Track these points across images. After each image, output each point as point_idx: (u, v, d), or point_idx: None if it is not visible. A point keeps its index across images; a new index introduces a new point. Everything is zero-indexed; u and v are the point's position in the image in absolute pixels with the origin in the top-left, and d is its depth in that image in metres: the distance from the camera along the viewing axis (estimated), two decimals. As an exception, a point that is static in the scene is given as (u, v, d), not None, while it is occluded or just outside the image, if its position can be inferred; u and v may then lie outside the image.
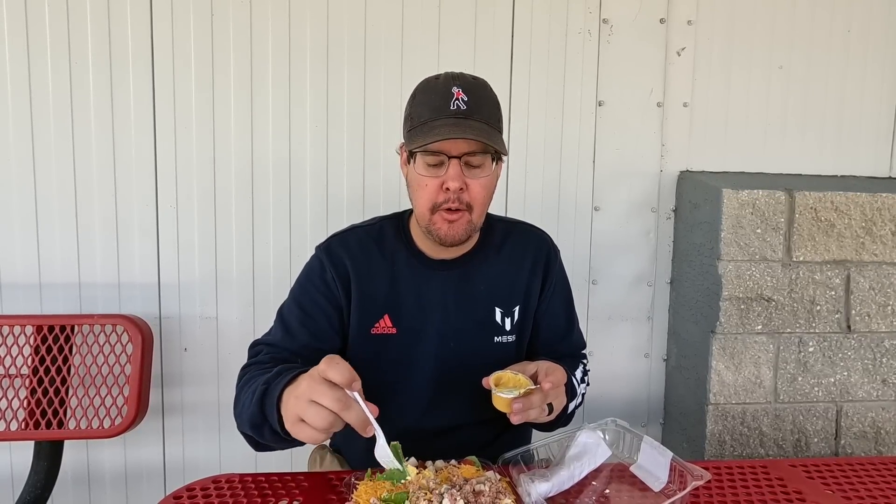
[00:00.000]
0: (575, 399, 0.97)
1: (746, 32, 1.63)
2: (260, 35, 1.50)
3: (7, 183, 1.47)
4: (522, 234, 1.04)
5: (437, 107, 0.87)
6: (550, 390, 0.82)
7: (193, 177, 1.52)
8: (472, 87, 0.88)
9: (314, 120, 1.54)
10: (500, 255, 1.01)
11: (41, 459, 1.40)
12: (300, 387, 0.71)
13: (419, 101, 0.90)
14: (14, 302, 1.49)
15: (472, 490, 0.73)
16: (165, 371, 1.56)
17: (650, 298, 1.69)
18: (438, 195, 0.88)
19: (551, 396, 0.84)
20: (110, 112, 1.48)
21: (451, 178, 0.86)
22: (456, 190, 0.87)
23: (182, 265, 1.53)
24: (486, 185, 0.90)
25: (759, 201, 1.42)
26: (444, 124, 0.85)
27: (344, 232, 1.01)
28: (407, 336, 0.96)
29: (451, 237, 0.90)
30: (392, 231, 1.00)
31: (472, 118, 0.86)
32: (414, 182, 0.91)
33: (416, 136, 0.87)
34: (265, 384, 0.78)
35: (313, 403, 0.68)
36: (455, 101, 0.86)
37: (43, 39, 1.44)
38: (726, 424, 1.47)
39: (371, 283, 0.95)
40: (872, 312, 1.47)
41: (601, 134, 1.62)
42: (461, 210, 0.88)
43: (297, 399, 0.70)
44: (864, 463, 0.96)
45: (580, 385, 1.00)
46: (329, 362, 0.70)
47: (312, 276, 0.97)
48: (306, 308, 0.95)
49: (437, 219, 0.90)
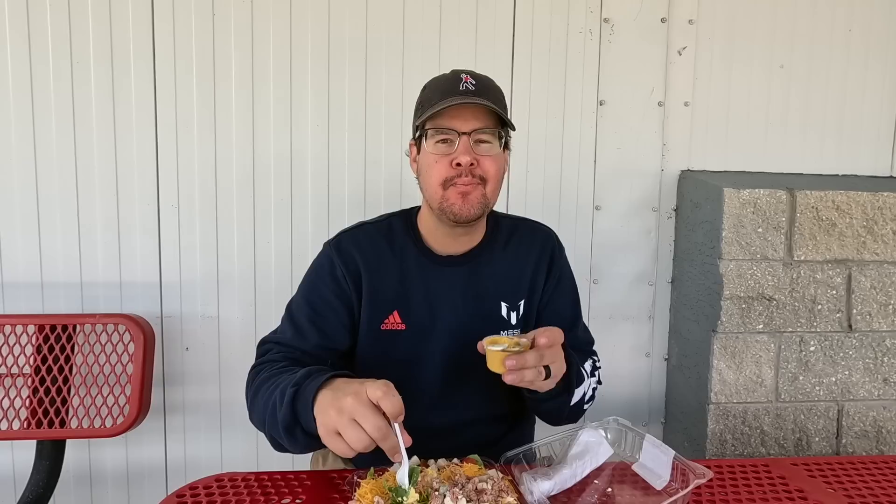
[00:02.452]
0: (582, 385, 0.93)
1: (747, 31, 1.63)
2: (261, 35, 1.50)
3: (9, 182, 1.47)
4: (528, 230, 1.05)
5: (447, 89, 0.90)
6: (546, 346, 0.78)
7: (195, 176, 1.52)
8: (479, 76, 0.93)
9: (315, 119, 1.54)
10: (506, 251, 1.01)
11: (43, 458, 1.40)
12: (345, 401, 0.68)
13: (428, 91, 0.94)
14: (16, 301, 1.49)
15: (475, 488, 0.73)
16: (167, 370, 1.56)
17: (651, 298, 1.69)
18: (449, 171, 0.89)
19: (548, 358, 0.79)
20: (112, 112, 1.48)
21: (461, 152, 0.88)
22: (467, 164, 0.88)
23: (183, 264, 1.53)
24: (497, 161, 0.91)
25: (761, 200, 1.42)
26: (454, 99, 0.88)
27: (353, 228, 1.01)
28: (416, 332, 0.96)
29: (465, 211, 0.90)
30: (401, 227, 1.00)
31: (482, 97, 0.89)
32: (424, 163, 0.92)
33: (425, 114, 0.89)
34: (295, 385, 0.76)
35: (354, 423, 0.67)
36: (464, 83, 0.89)
37: (45, 39, 1.44)
38: (727, 423, 1.47)
39: (381, 279, 0.95)
40: (874, 311, 1.47)
41: (602, 133, 1.62)
42: (474, 183, 0.89)
43: (338, 413, 0.68)
44: (866, 462, 0.96)
45: (590, 377, 0.97)
46: (385, 390, 0.68)
47: (322, 272, 0.97)
48: (317, 306, 0.95)
49: (450, 194, 0.89)
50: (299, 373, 0.79)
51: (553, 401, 0.90)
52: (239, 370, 1.54)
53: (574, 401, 0.92)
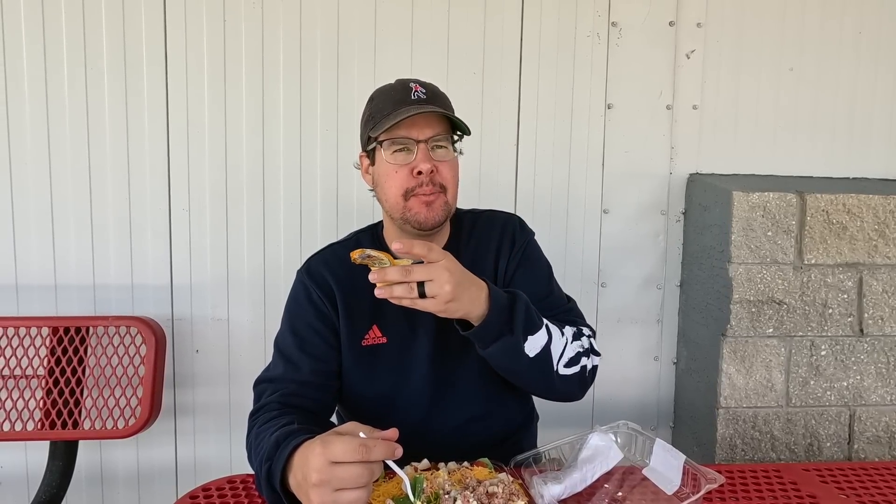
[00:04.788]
0: (539, 333, 0.85)
1: (756, 34, 1.63)
2: (271, 41, 1.51)
3: (24, 186, 1.49)
4: (488, 220, 1.04)
5: (399, 99, 0.90)
6: (400, 251, 0.74)
7: (205, 180, 1.53)
8: (426, 84, 0.94)
9: (325, 124, 1.55)
10: (469, 245, 1.01)
11: (56, 459, 1.42)
12: (312, 495, 0.65)
13: (378, 101, 0.93)
14: (30, 304, 1.51)
15: (486, 492, 0.73)
16: (177, 372, 1.57)
17: (660, 301, 1.68)
18: (409, 180, 0.89)
19: (419, 274, 0.74)
20: (125, 117, 1.50)
21: (421, 160, 0.88)
22: (427, 172, 0.88)
23: (194, 267, 1.55)
24: (453, 167, 0.93)
25: (770, 204, 1.41)
26: (409, 109, 0.88)
27: (321, 251, 1.02)
28: (398, 343, 0.96)
29: (430, 219, 0.90)
30: (368, 241, 1.01)
31: (434, 104, 0.91)
32: (382, 174, 0.92)
33: (380, 125, 0.89)
34: (268, 461, 0.73)
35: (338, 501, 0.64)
36: (415, 92, 0.90)
37: (59, 47, 1.46)
38: (737, 428, 1.46)
39: (355, 295, 0.95)
40: (885, 315, 1.46)
41: (610, 136, 1.62)
42: (436, 192, 0.90)
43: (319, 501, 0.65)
44: (879, 467, 0.95)
45: (568, 339, 0.90)
46: (347, 455, 0.64)
47: (300, 299, 0.97)
48: (301, 333, 0.94)
49: (412, 204, 0.90)
50: (270, 442, 0.76)
51: (496, 344, 0.82)
52: (248, 372, 1.54)
53: (534, 352, 0.84)
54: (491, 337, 0.82)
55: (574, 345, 0.92)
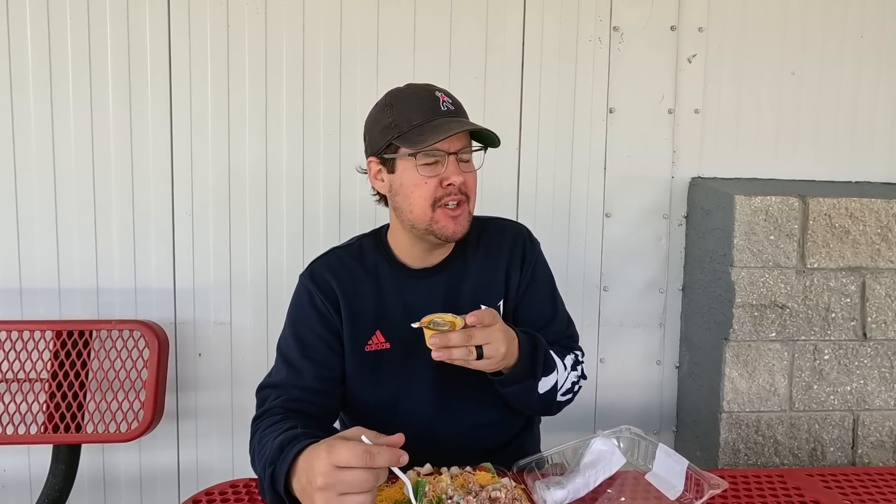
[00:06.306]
0: (553, 374, 0.92)
1: (758, 39, 1.63)
2: (274, 46, 1.52)
3: (28, 191, 1.50)
4: (497, 228, 1.04)
5: (429, 109, 0.90)
6: (474, 325, 0.78)
7: (209, 185, 1.54)
8: (449, 93, 0.94)
9: (327, 129, 1.56)
10: (477, 253, 1.01)
11: (59, 463, 1.42)
12: (317, 499, 0.65)
13: (403, 108, 0.91)
14: (34, 307, 1.52)
15: (489, 497, 0.73)
16: (180, 376, 1.57)
17: (662, 305, 1.68)
18: (438, 190, 0.90)
19: (479, 338, 0.79)
20: (129, 122, 1.51)
21: (453, 173, 0.90)
22: (459, 184, 0.90)
23: (197, 271, 1.55)
24: (475, 178, 0.95)
25: (773, 208, 1.41)
26: (445, 122, 0.88)
27: (324, 255, 1.01)
28: (401, 349, 0.96)
29: (457, 233, 0.92)
30: (372, 247, 1.00)
31: (462, 116, 0.92)
32: (408, 184, 0.91)
33: (414, 138, 0.88)
34: (272, 464, 0.74)
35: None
36: (443, 103, 0.91)
37: (64, 53, 1.48)
38: (740, 433, 1.46)
39: (358, 300, 0.95)
40: (889, 319, 1.46)
41: (612, 141, 1.63)
42: (462, 204, 0.91)
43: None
44: (883, 472, 0.95)
45: (569, 370, 0.96)
46: (354, 461, 0.65)
47: (303, 305, 0.96)
48: (304, 339, 0.94)
49: (439, 217, 0.90)
50: (274, 446, 0.76)
51: (517, 385, 0.88)
52: (251, 376, 1.55)
53: (544, 389, 0.91)
54: (516, 381, 0.87)
55: (572, 374, 0.97)
